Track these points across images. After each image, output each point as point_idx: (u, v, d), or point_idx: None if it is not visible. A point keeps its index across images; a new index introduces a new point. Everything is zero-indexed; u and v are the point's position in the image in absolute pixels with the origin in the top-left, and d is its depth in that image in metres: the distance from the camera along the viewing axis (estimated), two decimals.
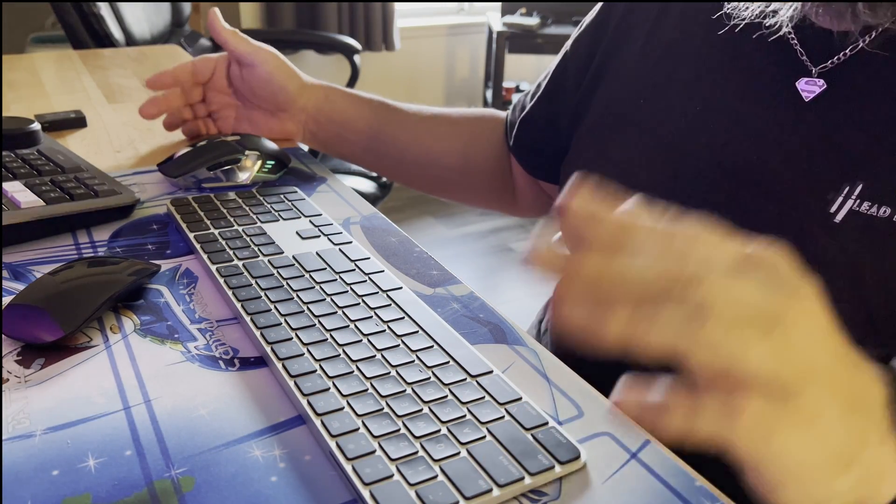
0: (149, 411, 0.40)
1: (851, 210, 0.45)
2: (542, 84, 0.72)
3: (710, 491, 0.37)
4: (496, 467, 0.36)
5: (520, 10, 2.88)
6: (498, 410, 0.40)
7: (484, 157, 0.80)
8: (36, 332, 0.44)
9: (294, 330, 0.46)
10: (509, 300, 2.19)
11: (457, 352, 0.45)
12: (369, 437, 0.37)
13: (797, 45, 0.50)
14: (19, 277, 0.52)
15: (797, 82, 0.50)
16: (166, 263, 0.55)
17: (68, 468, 0.36)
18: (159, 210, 0.64)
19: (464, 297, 0.53)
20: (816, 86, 0.49)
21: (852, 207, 0.45)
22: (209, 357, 0.45)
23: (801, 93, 0.49)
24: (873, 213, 0.45)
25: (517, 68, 3.21)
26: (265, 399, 0.42)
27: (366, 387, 0.41)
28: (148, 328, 0.47)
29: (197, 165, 0.67)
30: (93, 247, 0.58)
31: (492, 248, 2.49)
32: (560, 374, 0.45)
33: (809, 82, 0.49)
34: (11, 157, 0.66)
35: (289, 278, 0.52)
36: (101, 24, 1.55)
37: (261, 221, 0.61)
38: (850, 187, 0.46)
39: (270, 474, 0.36)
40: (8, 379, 0.42)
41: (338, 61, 2.75)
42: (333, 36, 2.23)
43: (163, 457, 0.37)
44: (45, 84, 1.03)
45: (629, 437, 0.40)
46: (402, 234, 0.63)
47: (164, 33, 1.90)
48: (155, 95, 0.76)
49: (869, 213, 0.45)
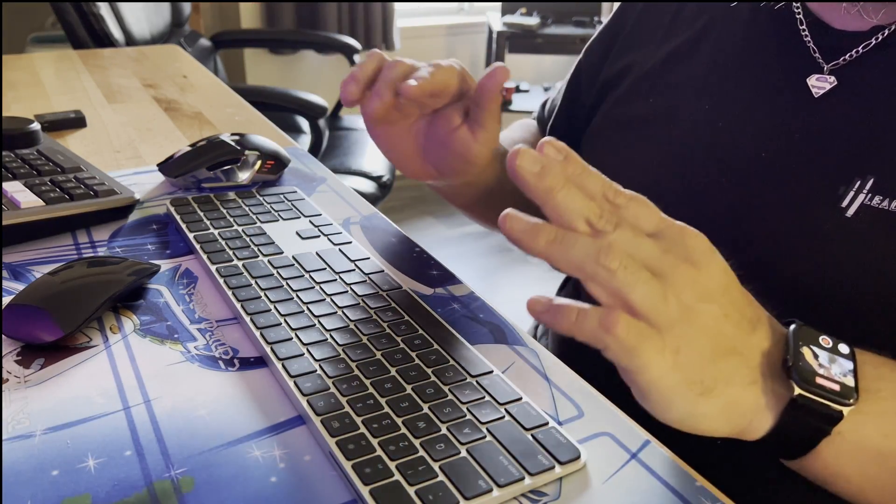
0: (149, 411, 0.40)
1: (863, 204, 0.46)
2: (563, 89, 0.72)
3: (710, 491, 0.37)
4: (496, 467, 0.36)
5: (520, 9, 2.88)
6: (498, 410, 0.40)
7: None
8: (36, 332, 0.44)
9: (294, 330, 0.46)
10: (509, 300, 2.18)
11: (457, 352, 0.45)
12: (369, 437, 0.37)
13: (810, 43, 0.50)
14: (19, 277, 0.52)
15: (808, 79, 0.50)
16: (166, 263, 0.55)
17: (68, 468, 0.36)
18: (159, 210, 0.64)
19: (464, 297, 0.53)
20: (827, 82, 0.49)
21: (864, 201, 0.46)
22: (209, 357, 0.45)
23: (811, 89, 0.50)
24: (885, 206, 0.45)
25: (517, 68, 3.20)
26: (265, 399, 0.42)
27: (366, 387, 0.41)
28: (148, 328, 0.47)
29: (197, 165, 0.67)
30: (93, 247, 0.58)
31: (492, 248, 2.49)
32: (560, 374, 0.45)
33: (820, 79, 0.49)
34: (11, 157, 0.66)
35: (288, 278, 0.52)
36: (101, 24, 1.55)
37: (261, 221, 0.61)
38: (861, 181, 0.46)
39: (270, 474, 0.36)
40: (8, 379, 0.42)
41: (338, 61, 2.75)
42: (333, 36, 2.24)
43: (162, 457, 0.37)
44: (45, 84, 1.03)
45: (629, 437, 0.40)
46: (402, 234, 0.63)
47: (164, 33, 1.90)
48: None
49: (881, 206, 0.45)
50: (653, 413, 0.37)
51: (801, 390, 0.36)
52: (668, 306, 0.34)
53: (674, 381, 0.35)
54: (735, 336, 0.37)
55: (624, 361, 0.35)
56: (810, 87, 0.50)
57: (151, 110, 0.94)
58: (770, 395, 0.37)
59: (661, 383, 0.35)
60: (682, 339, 0.35)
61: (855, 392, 0.36)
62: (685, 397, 0.35)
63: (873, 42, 0.48)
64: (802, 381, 0.36)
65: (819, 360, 0.37)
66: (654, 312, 0.34)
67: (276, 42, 2.52)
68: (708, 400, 0.36)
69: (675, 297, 0.35)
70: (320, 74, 2.77)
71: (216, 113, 0.95)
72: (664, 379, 0.35)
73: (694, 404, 0.36)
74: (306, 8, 2.56)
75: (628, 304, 0.34)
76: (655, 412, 0.37)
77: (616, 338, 0.33)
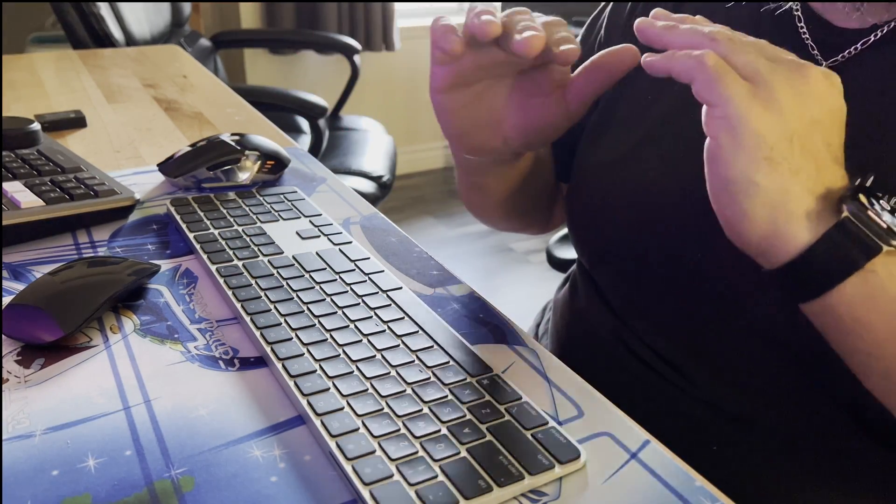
0: (149, 411, 0.40)
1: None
2: None
3: (710, 491, 0.37)
4: (496, 467, 0.36)
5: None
6: (498, 410, 0.40)
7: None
8: (36, 332, 0.44)
9: (294, 330, 0.46)
10: (509, 300, 2.18)
11: (457, 352, 0.45)
12: (369, 437, 0.37)
13: (808, 40, 0.50)
14: (19, 277, 0.52)
15: None
16: (166, 263, 0.55)
17: (68, 468, 0.36)
18: (159, 210, 0.64)
19: (464, 297, 0.53)
20: None
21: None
22: (209, 357, 0.45)
23: None
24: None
25: None
26: (265, 399, 0.42)
27: (366, 387, 0.41)
28: (148, 328, 0.47)
29: (197, 165, 0.67)
30: (93, 247, 0.58)
31: (492, 248, 2.49)
32: (560, 374, 0.45)
33: None
34: (11, 157, 0.66)
35: (289, 278, 0.52)
36: (101, 24, 1.55)
37: (261, 221, 0.61)
38: (861, 180, 0.46)
39: (270, 474, 0.36)
40: (8, 379, 0.42)
41: (338, 61, 2.75)
42: (333, 36, 2.23)
43: (163, 457, 0.37)
44: (45, 84, 1.03)
45: (629, 437, 0.40)
46: (402, 234, 0.63)
47: (164, 33, 1.90)
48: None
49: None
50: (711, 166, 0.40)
51: (849, 214, 0.37)
52: (773, 74, 0.37)
53: (752, 127, 0.37)
54: (819, 148, 0.38)
55: (707, 93, 0.37)
56: None
57: (151, 110, 0.94)
58: (821, 213, 0.38)
59: (739, 123, 0.37)
60: (775, 103, 0.37)
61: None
62: (753, 153, 0.37)
63: (871, 39, 0.48)
64: (855, 209, 0.37)
65: (875, 207, 0.38)
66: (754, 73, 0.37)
67: (276, 42, 2.52)
68: (770, 171, 0.37)
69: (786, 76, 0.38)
70: (320, 74, 2.77)
71: (216, 113, 0.95)
72: (745, 119, 0.37)
73: (756, 165, 0.37)
74: (306, 8, 2.56)
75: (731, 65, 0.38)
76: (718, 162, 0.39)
77: (702, 64, 0.37)
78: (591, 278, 0.62)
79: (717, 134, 0.38)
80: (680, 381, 0.54)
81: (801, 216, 0.38)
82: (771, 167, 0.37)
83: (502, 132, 0.52)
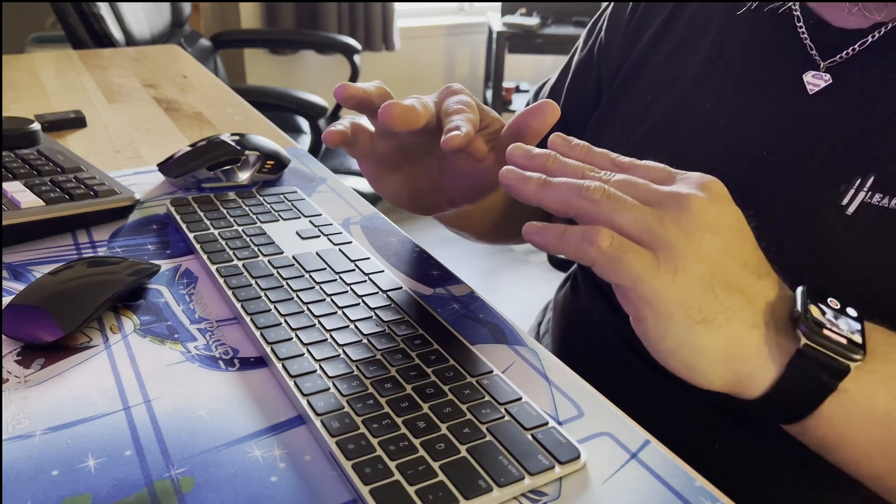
0: (149, 411, 0.40)
1: (863, 202, 0.46)
2: (564, 92, 0.70)
3: (710, 491, 0.37)
4: (496, 467, 0.36)
5: (520, 10, 2.88)
6: (498, 410, 0.40)
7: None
8: (36, 332, 0.44)
9: (294, 330, 0.46)
10: (509, 300, 2.18)
11: (457, 352, 0.45)
12: (369, 437, 0.37)
13: (807, 40, 0.50)
14: (19, 277, 0.52)
15: (804, 75, 0.50)
16: (166, 263, 0.55)
17: (68, 468, 0.36)
18: (159, 210, 0.64)
19: (464, 297, 0.53)
20: (822, 80, 0.49)
21: (864, 199, 0.46)
22: (209, 357, 0.45)
23: (806, 86, 0.50)
24: (885, 204, 0.45)
25: (517, 68, 3.21)
26: (265, 399, 0.42)
27: (366, 387, 0.41)
28: (148, 328, 0.47)
29: (197, 165, 0.67)
30: (93, 247, 0.58)
31: (492, 248, 2.49)
32: (560, 374, 0.45)
33: (816, 76, 0.50)
34: (11, 157, 0.66)
35: (289, 278, 0.52)
36: (101, 24, 1.55)
37: (261, 221, 0.61)
38: (861, 179, 0.46)
39: (270, 474, 0.36)
40: (8, 379, 0.42)
41: (338, 61, 2.75)
42: (333, 36, 2.23)
43: (163, 457, 0.37)
44: (45, 84, 1.03)
45: (629, 437, 0.40)
46: (402, 234, 0.63)
47: (164, 33, 1.90)
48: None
49: (881, 204, 0.45)
50: (647, 343, 0.37)
51: (807, 340, 0.35)
52: (663, 228, 0.35)
53: (671, 298, 0.34)
54: (740, 275, 0.36)
55: (612, 276, 0.35)
56: (805, 83, 0.50)
57: (151, 110, 0.94)
58: (774, 345, 0.36)
59: (657, 299, 0.34)
60: (681, 262, 0.34)
61: (862, 349, 0.36)
62: (683, 322, 0.35)
63: (870, 40, 0.48)
64: (810, 332, 0.35)
65: (827, 317, 0.36)
66: (646, 233, 0.35)
67: (276, 42, 2.52)
68: (707, 330, 0.35)
69: (674, 221, 0.35)
70: (320, 74, 2.77)
71: (216, 113, 0.95)
72: (661, 293, 0.34)
73: (692, 332, 0.35)
74: (306, 8, 2.56)
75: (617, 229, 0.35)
76: (650, 340, 0.36)
77: (598, 248, 0.34)
78: (593, 277, 0.63)
79: (638, 314, 0.36)
80: (681, 381, 0.54)
81: (756, 356, 0.36)
82: (706, 326, 0.35)
83: (447, 196, 0.54)
